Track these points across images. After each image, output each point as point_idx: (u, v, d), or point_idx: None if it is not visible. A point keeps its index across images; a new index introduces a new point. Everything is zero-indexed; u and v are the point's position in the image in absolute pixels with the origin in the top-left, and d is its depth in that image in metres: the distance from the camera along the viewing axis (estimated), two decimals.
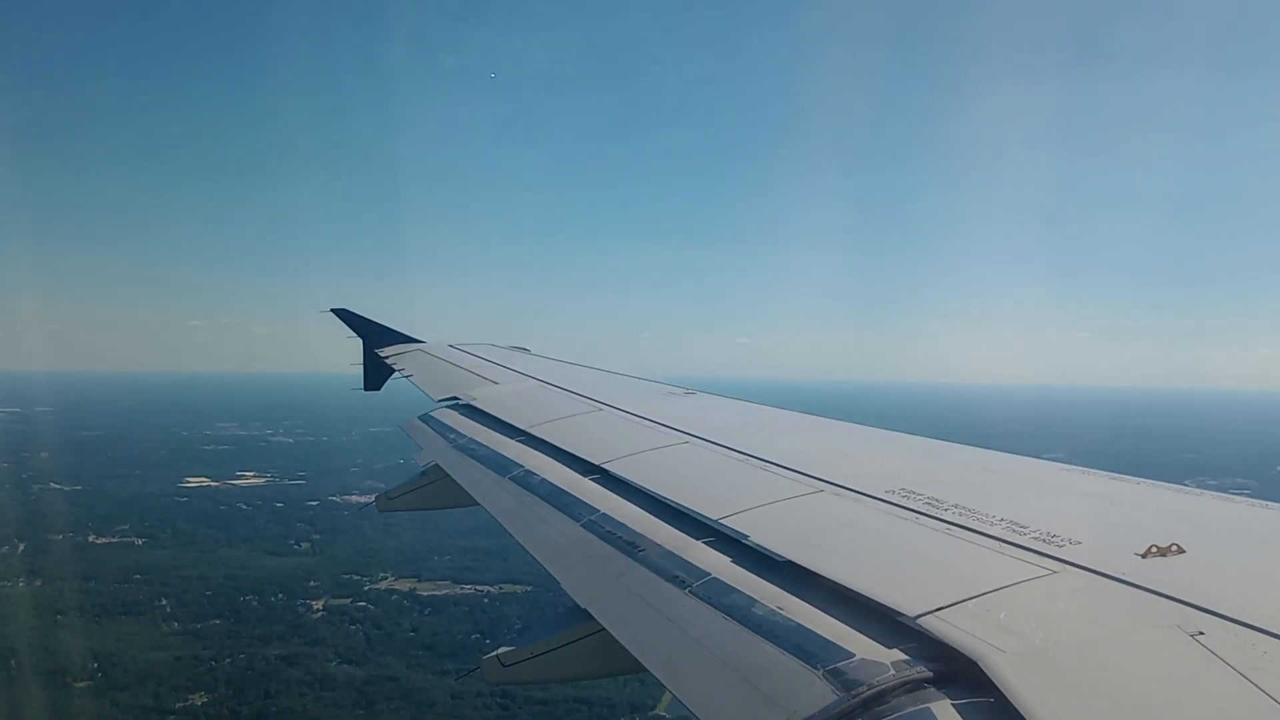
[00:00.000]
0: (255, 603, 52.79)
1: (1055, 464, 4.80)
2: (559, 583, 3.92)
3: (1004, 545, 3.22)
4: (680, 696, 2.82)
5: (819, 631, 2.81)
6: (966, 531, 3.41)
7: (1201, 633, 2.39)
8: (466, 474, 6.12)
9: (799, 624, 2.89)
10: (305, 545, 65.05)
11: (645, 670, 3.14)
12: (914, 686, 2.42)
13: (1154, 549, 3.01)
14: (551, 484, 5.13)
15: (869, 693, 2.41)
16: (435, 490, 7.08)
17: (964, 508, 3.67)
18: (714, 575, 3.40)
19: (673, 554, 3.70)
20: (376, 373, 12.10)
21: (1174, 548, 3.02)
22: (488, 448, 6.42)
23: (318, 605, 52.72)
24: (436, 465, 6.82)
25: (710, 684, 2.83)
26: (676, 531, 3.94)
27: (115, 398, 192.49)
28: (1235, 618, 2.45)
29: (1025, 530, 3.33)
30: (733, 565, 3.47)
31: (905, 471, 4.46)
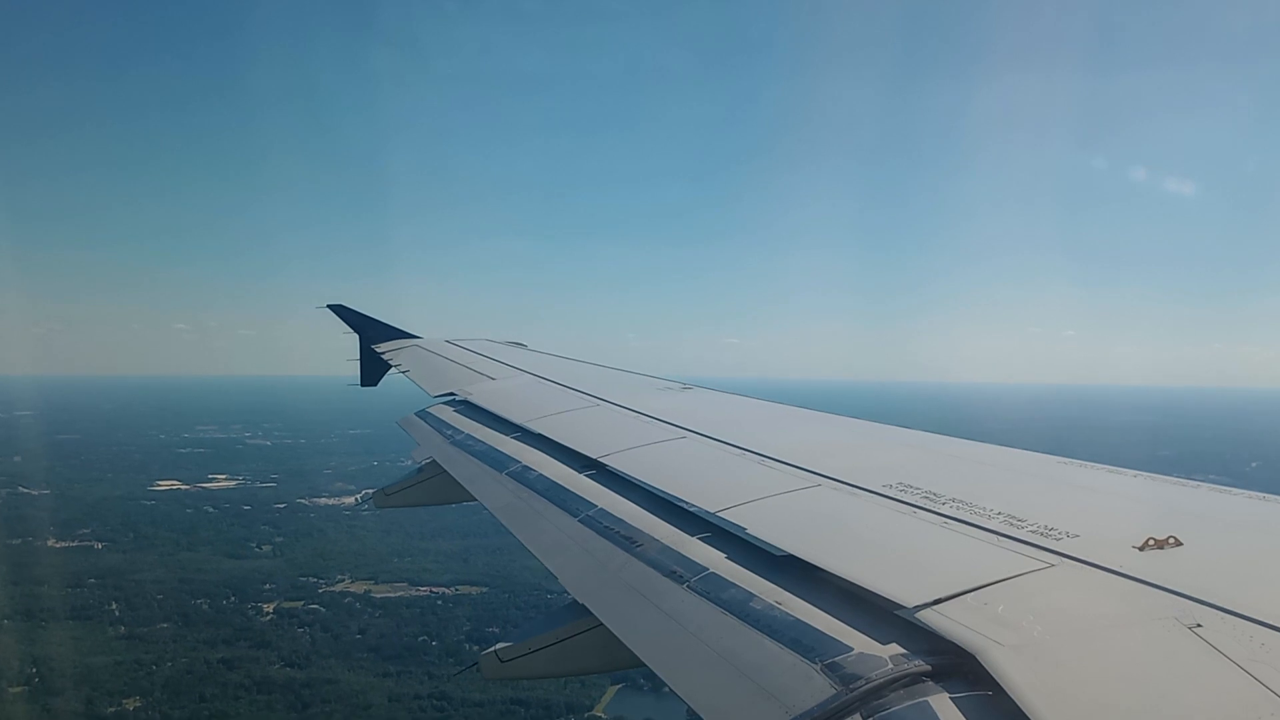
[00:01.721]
0: (206, 606, 51.68)
1: (1053, 457, 4.79)
2: (557, 578, 3.90)
3: (1002, 539, 3.22)
4: (678, 691, 2.81)
5: (817, 625, 2.81)
6: (964, 525, 3.41)
7: (1200, 625, 2.40)
8: (463, 470, 6.11)
9: (797, 618, 2.89)
10: (266, 548, 63.79)
11: (643, 665, 3.13)
12: (912, 680, 2.42)
13: (1152, 541, 3.01)
14: (548, 479, 5.13)
15: (867, 686, 2.41)
16: (432, 486, 7.07)
17: (962, 501, 3.68)
18: (712, 570, 3.40)
19: (670, 549, 3.70)
20: (373, 368, 11.98)
21: (1172, 540, 3.02)
22: (484, 443, 6.40)
23: (269, 608, 51.85)
24: (434, 461, 6.79)
25: (708, 679, 2.82)
26: (674, 526, 3.94)
27: (97, 401, 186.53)
28: (1233, 610, 2.46)
29: (1023, 523, 3.33)
30: (730, 560, 3.47)
31: (903, 465, 4.47)
